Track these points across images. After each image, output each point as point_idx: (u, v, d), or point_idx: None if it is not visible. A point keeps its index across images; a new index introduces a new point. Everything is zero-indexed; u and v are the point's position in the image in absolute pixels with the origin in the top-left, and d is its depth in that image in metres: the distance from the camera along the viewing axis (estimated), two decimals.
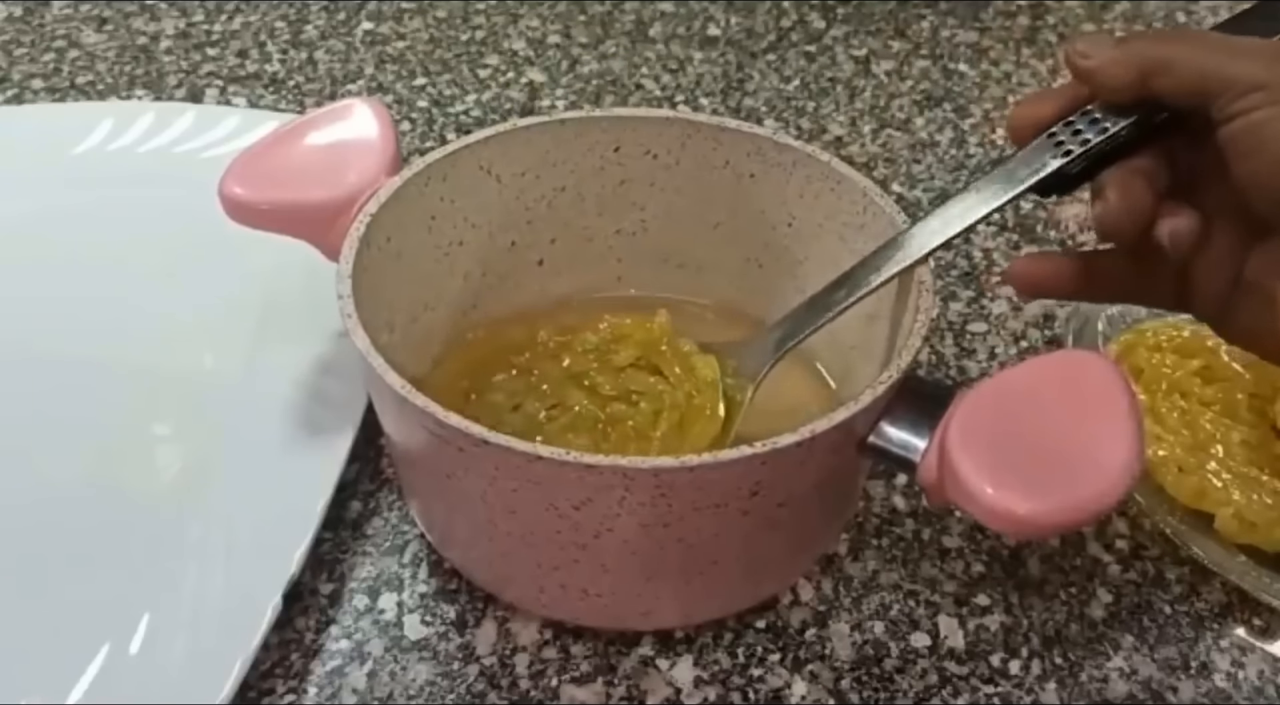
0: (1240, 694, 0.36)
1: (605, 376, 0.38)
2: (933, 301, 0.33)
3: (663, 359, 0.38)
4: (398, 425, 0.34)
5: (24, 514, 0.39)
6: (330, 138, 0.38)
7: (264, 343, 0.44)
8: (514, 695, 0.36)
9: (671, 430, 0.36)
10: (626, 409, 0.37)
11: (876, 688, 0.36)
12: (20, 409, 0.42)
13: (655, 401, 0.37)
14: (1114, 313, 0.46)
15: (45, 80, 0.62)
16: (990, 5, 0.70)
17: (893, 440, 0.31)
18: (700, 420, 0.36)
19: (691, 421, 0.36)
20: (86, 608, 0.35)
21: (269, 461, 0.39)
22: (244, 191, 0.36)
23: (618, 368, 0.38)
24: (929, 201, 0.55)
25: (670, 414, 0.37)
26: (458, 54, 0.65)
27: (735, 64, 0.64)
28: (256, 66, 0.63)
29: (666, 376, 0.38)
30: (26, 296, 0.46)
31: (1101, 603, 0.39)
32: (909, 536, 0.40)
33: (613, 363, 0.38)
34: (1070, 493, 0.28)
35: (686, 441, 0.36)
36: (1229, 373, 0.43)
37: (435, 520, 0.37)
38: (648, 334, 0.39)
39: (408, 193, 0.37)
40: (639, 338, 0.39)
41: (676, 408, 0.37)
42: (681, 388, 0.37)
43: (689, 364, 0.38)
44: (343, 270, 0.34)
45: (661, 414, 0.37)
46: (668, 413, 0.37)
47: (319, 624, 0.37)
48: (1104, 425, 0.29)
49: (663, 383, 0.38)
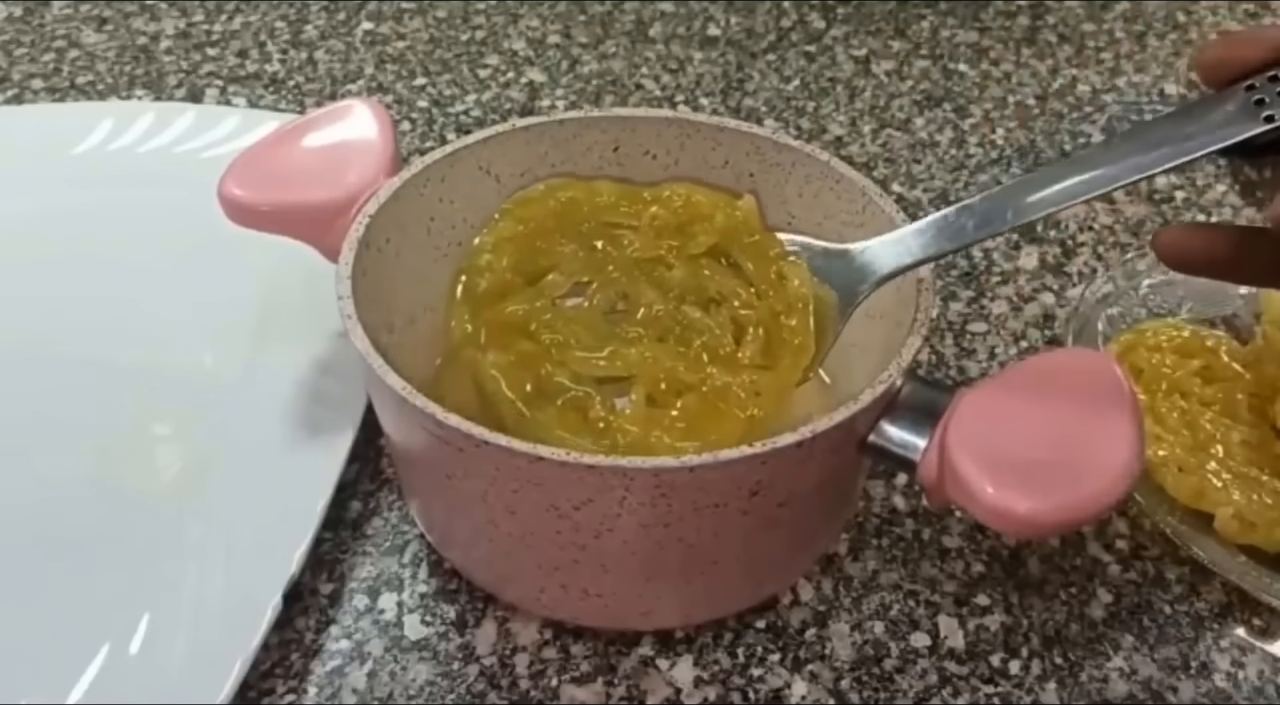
0: (1240, 694, 0.36)
1: (679, 268, 0.33)
2: (932, 301, 0.33)
3: (747, 256, 0.33)
4: (398, 426, 0.34)
5: (24, 514, 0.39)
6: (329, 139, 0.38)
7: (264, 343, 0.44)
8: (514, 695, 0.36)
9: (758, 354, 0.32)
10: (702, 317, 0.32)
11: (876, 688, 0.36)
12: (20, 409, 0.42)
13: (737, 312, 0.32)
14: (1114, 313, 0.46)
15: (45, 80, 0.62)
16: (990, 5, 0.70)
17: (893, 439, 0.31)
18: (789, 350, 0.32)
19: (779, 348, 0.32)
20: (86, 608, 0.35)
21: (269, 461, 0.39)
22: (243, 193, 0.36)
23: (693, 256, 0.33)
24: (929, 201, 0.55)
25: (756, 334, 0.32)
26: (458, 54, 0.65)
27: (735, 64, 0.64)
28: (256, 66, 0.63)
29: (751, 281, 0.33)
30: (26, 296, 0.46)
31: (1101, 603, 0.39)
32: (909, 536, 0.41)
33: (687, 249, 0.33)
34: (1070, 492, 0.28)
35: (776, 373, 0.32)
36: (1229, 373, 0.43)
37: (435, 520, 0.37)
38: (729, 220, 0.34)
39: (407, 193, 0.37)
40: (719, 223, 0.34)
41: (761, 326, 0.32)
42: (768, 301, 0.32)
43: (778, 272, 0.33)
44: (342, 271, 0.34)
45: (747, 331, 0.32)
46: (753, 331, 0.32)
47: (319, 624, 0.37)
48: (1104, 425, 0.29)
49: (745, 288, 0.33)
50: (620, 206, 0.35)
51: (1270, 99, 0.27)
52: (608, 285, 0.33)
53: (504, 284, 0.33)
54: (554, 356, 0.32)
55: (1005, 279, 0.51)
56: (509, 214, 0.34)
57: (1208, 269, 0.33)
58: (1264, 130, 0.27)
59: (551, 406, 0.31)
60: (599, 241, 0.34)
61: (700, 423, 0.31)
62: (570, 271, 0.33)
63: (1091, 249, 0.53)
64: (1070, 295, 0.50)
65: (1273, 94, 0.27)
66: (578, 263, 0.33)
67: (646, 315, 0.33)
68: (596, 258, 0.33)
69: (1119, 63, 0.65)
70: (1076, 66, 0.65)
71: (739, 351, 0.32)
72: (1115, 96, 0.62)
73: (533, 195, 0.35)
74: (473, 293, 0.33)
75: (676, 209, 0.34)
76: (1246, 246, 0.32)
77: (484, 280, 0.33)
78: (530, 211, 0.34)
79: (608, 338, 0.32)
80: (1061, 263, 0.52)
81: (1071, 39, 0.67)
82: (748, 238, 0.34)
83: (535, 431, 0.31)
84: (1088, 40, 0.67)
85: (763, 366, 0.32)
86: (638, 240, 0.34)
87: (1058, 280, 0.51)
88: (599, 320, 0.33)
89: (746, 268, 0.33)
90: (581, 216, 0.34)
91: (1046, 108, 0.61)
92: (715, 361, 0.32)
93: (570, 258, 0.33)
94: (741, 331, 0.32)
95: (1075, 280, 0.51)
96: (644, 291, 0.33)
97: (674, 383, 0.32)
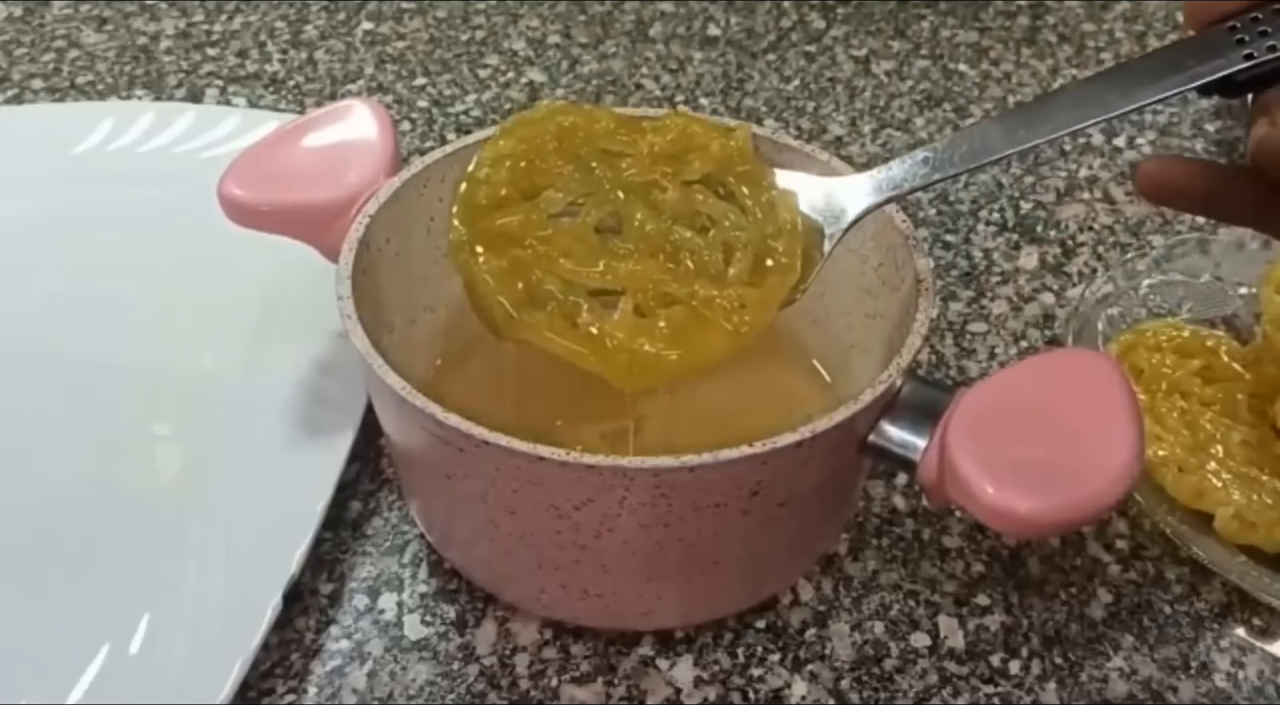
0: (1240, 694, 0.36)
1: (673, 191, 0.34)
2: (932, 301, 0.33)
3: (740, 182, 0.34)
4: (398, 426, 0.34)
5: (24, 514, 0.39)
6: (329, 139, 0.38)
7: (264, 343, 0.44)
8: (514, 695, 0.36)
9: (745, 273, 0.33)
10: (693, 237, 0.33)
11: (876, 688, 0.36)
12: (20, 408, 0.42)
13: (727, 234, 0.33)
14: (1114, 313, 0.46)
15: (45, 80, 0.62)
16: (990, 5, 0.70)
17: (893, 439, 0.31)
18: (776, 269, 0.33)
19: (766, 268, 0.33)
20: (86, 608, 0.35)
21: (269, 461, 0.39)
22: (243, 193, 0.36)
23: (687, 182, 0.34)
24: (929, 201, 0.55)
25: (745, 254, 0.33)
26: (458, 54, 0.65)
27: (735, 64, 0.64)
28: (256, 66, 0.63)
29: (742, 207, 0.34)
30: (26, 296, 0.46)
31: (1101, 603, 0.39)
32: (909, 536, 0.41)
33: (681, 176, 0.34)
34: (1070, 492, 0.28)
35: (762, 289, 0.33)
36: (1229, 373, 0.43)
37: (435, 520, 0.37)
38: (724, 150, 0.35)
39: (407, 194, 0.37)
40: (715, 152, 0.35)
41: (750, 248, 0.33)
42: (758, 224, 0.33)
43: (768, 200, 0.34)
44: (342, 271, 0.34)
45: (735, 252, 0.33)
46: (742, 252, 0.33)
47: (319, 624, 0.37)
48: (1104, 424, 0.29)
49: (737, 213, 0.34)
50: (619, 134, 0.35)
51: (1250, 38, 0.29)
52: (602, 203, 0.34)
53: (500, 198, 0.33)
54: (545, 265, 0.32)
55: (1005, 279, 0.51)
56: (509, 132, 0.35)
57: (1185, 203, 0.33)
58: (1243, 67, 0.29)
59: (541, 312, 0.32)
60: (595, 164, 0.34)
61: (686, 332, 0.32)
62: (566, 189, 0.34)
63: (1091, 249, 0.53)
64: (1070, 295, 0.50)
65: (1253, 33, 0.29)
66: (574, 182, 0.34)
67: (638, 232, 0.33)
68: (593, 178, 0.34)
69: (1119, 63, 0.65)
70: (1076, 66, 0.65)
71: (728, 269, 0.33)
72: None
73: (534, 117, 0.35)
74: (469, 203, 0.33)
75: (673, 138, 0.35)
76: (1226, 183, 0.32)
77: (481, 193, 0.33)
78: (530, 132, 0.35)
79: (599, 252, 0.33)
80: (1061, 263, 0.52)
81: (1071, 39, 0.67)
82: (741, 166, 0.35)
83: (524, 333, 0.32)
84: (1088, 40, 0.67)
85: (750, 284, 0.33)
86: (634, 165, 0.34)
87: (1058, 280, 0.51)
88: (591, 236, 0.33)
89: (739, 193, 0.34)
90: (580, 141, 0.35)
91: None
92: (704, 278, 0.32)
93: (567, 177, 0.34)
94: (731, 253, 0.33)
95: (1075, 280, 0.51)
96: (637, 211, 0.33)
97: (662, 295, 0.32)
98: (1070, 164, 0.57)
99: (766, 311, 0.32)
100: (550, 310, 0.32)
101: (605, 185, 0.34)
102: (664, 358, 0.31)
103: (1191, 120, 0.60)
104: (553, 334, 0.32)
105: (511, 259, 0.32)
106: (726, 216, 0.34)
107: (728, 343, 0.32)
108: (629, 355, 0.31)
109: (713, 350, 0.32)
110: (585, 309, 0.32)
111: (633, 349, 0.31)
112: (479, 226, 0.33)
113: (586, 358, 0.31)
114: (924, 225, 0.53)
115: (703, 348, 0.32)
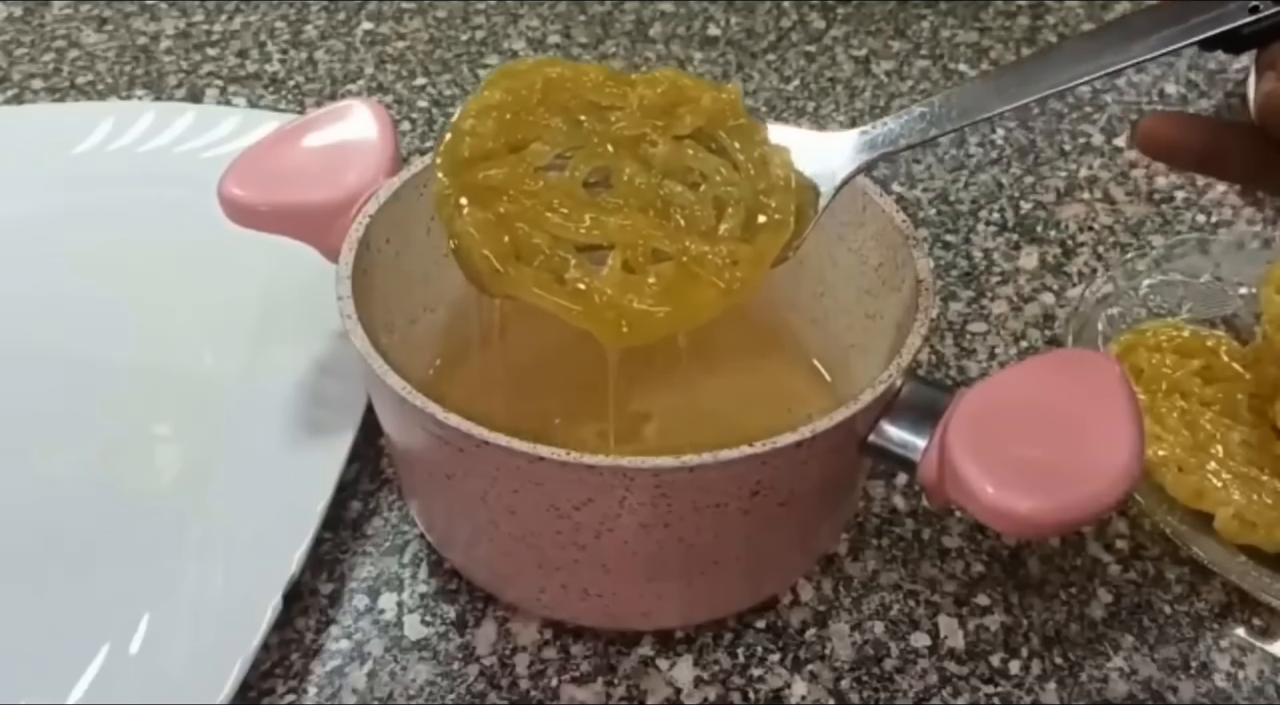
0: (1240, 694, 0.36)
1: (663, 146, 0.33)
2: (933, 301, 0.33)
3: (732, 137, 0.33)
4: (397, 426, 0.34)
5: (24, 514, 0.39)
6: (329, 139, 0.38)
7: (264, 343, 0.44)
8: (514, 695, 0.36)
9: (738, 229, 0.32)
10: (684, 192, 0.32)
11: (876, 688, 0.36)
12: (20, 408, 0.42)
13: (719, 190, 0.32)
14: (1114, 313, 0.46)
15: (45, 80, 0.62)
16: (990, 5, 0.70)
17: (893, 439, 0.31)
18: (769, 225, 0.32)
19: (758, 224, 0.32)
20: (86, 608, 0.35)
21: (269, 461, 0.39)
22: (243, 192, 0.36)
23: (677, 137, 0.33)
24: (929, 201, 0.55)
25: (737, 210, 0.32)
26: (458, 54, 0.65)
27: (735, 64, 0.64)
28: (256, 66, 0.63)
29: (734, 163, 0.33)
30: (26, 296, 0.46)
31: (1101, 603, 0.39)
32: (909, 536, 0.41)
33: (671, 130, 0.33)
34: (1070, 492, 0.28)
35: (755, 246, 0.32)
36: (1229, 373, 0.43)
37: (435, 520, 0.37)
38: (716, 103, 0.34)
39: (407, 194, 0.37)
40: (706, 106, 0.34)
41: (742, 203, 0.32)
42: (750, 179, 0.33)
43: (761, 156, 0.33)
44: (342, 271, 0.34)
45: (727, 208, 0.32)
46: (734, 208, 0.32)
47: (319, 624, 0.37)
48: (1104, 425, 0.29)
49: (729, 168, 0.33)
50: (607, 87, 0.34)
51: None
52: (590, 157, 0.33)
53: (486, 151, 0.33)
54: (532, 219, 0.32)
55: (1005, 279, 0.51)
56: (495, 84, 0.34)
57: (1184, 159, 0.33)
58: (1248, 20, 0.28)
59: (528, 267, 0.31)
60: (584, 117, 0.34)
61: (676, 288, 0.31)
62: (554, 142, 0.33)
63: (1091, 249, 0.53)
64: (1070, 295, 0.50)
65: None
66: (561, 135, 0.33)
67: (628, 187, 0.32)
68: (581, 131, 0.33)
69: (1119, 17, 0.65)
70: None
71: (719, 225, 0.32)
72: (1115, 96, 0.62)
73: (520, 68, 0.35)
74: (454, 154, 0.33)
75: (663, 91, 0.34)
76: (1225, 140, 0.32)
77: (466, 145, 0.33)
78: (517, 83, 0.34)
79: (587, 206, 0.32)
80: (1061, 263, 0.52)
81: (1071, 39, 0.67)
82: (733, 121, 0.34)
83: (510, 287, 0.31)
84: None
85: (742, 240, 0.32)
86: (623, 118, 0.34)
87: (1058, 280, 0.51)
88: (579, 190, 0.32)
89: (731, 147, 0.34)
90: (568, 94, 0.34)
91: (1046, 107, 0.61)
92: (695, 234, 0.32)
93: (554, 130, 0.33)
94: (723, 208, 0.32)
95: (1075, 280, 0.51)
96: (626, 165, 0.33)
97: (651, 251, 0.32)
98: (1070, 164, 0.57)
99: (759, 268, 0.32)
100: (537, 265, 0.31)
101: (594, 139, 0.33)
102: (653, 314, 0.31)
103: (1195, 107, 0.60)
104: (540, 290, 0.31)
105: (497, 212, 0.32)
106: (718, 171, 0.33)
107: (719, 299, 0.31)
108: (617, 311, 0.30)
109: (704, 307, 0.31)
110: (573, 264, 0.31)
111: (621, 305, 0.30)
112: (463, 179, 0.32)
113: (574, 313, 0.30)
114: (924, 225, 0.53)
115: (693, 304, 0.31)
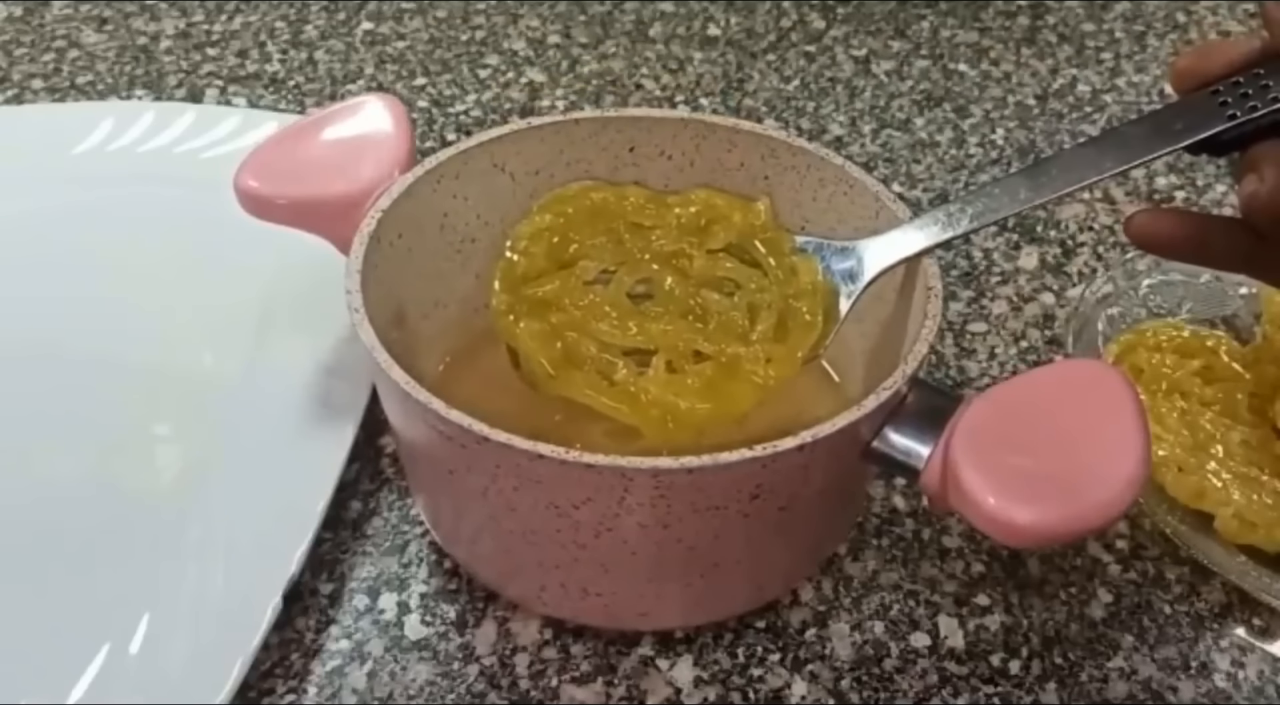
0: (1240, 694, 0.36)
1: (699, 259, 0.36)
2: (940, 307, 0.33)
3: (763, 249, 0.36)
4: (402, 421, 0.34)
5: (24, 514, 0.39)
6: (345, 133, 0.38)
7: (264, 343, 0.44)
8: (514, 695, 0.36)
9: (770, 332, 0.35)
10: (719, 299, 0.35)
11: (876, 688, 0.36)
12: (20, 408, 0.42)
13: (752, 297, 0.35)
14: (1114, 313, 0.46)
15: (45, 80, 0.62)
16: (990, 5, 0.70)
17: (896, 446, 0.31)
18: (799, 326, 0.35)
19: (789, 326, 0.35)
20: (86, 608, 0.35)
21: (269, 462, 0.39)
22: (259, 185, 0.37)
23: (712, 250, 0.37)
24: (929, 201, 0.55)
25: (769, 313, 0.35)
26: (458, 54, 0.65)
27: (735, 64, 0.64)
28: (256, 66, 0.63)
29: (765, 272, 0.36)
30: (26, 296, 0.46)
31: (1101, 603, 0.39)
32: (909, 536, 0.41)
33: (706, 245, 0.37)
34: (1073, 504, 0.28)
35: (787, 345, 0.35)
36: (1229, 373, 0.43)
37: (439, 516, 0.37)
38: (746, 218, 0.37)
39: (420, 189, 0.37)
40: (737, 222, 0.37)
41: (774, 308, 0.35)
42: (780, 287, 0.36)
43: (789, 264, 0.36)
44: (352, 265, 0.34)
45: (760, 312, 0.35)
46: (766, 312, 0.35)
47: (319, 624, 0.37)
48: (1110, 437, 0.29)
49: (760, 278, 0.36)
50: (647, 209, 0.38)
51: (1233, 100, 0.31)
52: (634, 270, 0.36)
53: (538, 269, 0.36)
54: (582, 328, 0.35)
55: (1005, 279, 0.51)
56: (546, 208, 0.38)
57: (1175, 252, 0.35)
58: (1227, 126, 0.31)
59: (578, 371, 0.34)
60: (626, 235, 0.37)
61: (717, 385, 0.34)
62: (600, 258, 0.36)
63: (1091, 249, 0.53)
64: (1070, 295, 0.50)
65: (1235, 96, 0.31)
66: (606, 252, 0.36)
67: (668, 296, 0.35)
68: (624, 248, 0.37)
69: (1119, 63, 0.65)
70: (1076, 66, 0.65)
71: (753, 329, 0.35)
72: (1115, 96, 0.62)
73: (567, 194, 0.38)
74: (509, 275, 0.36)
75: (697, 210, 0.38)
76: (1214, 234, 0.34)
77: (520, 264, 0.36)
78: (565, 207, 0.38)
79: (632, 314, 0.35)
80: (1061, 263, 0.52)
81: (1071, 39, 0.67)
82: (763, 233, 0.37)
83: (563, 389, 0.34)
84: (1088, 40, 0.67)
85: (775, 341, 0.35)
86: (663, 235, 0.37)
87: (1058, 280, 0.51)
88: (624, 300, 0.35)
89: (762, 258, 0.36)
90: (612, 215, 0.38)
91: (1046, 108, 0.61)
92: (731, 337, 0.34)
93: (600, 248, 0.37)
94: (756, 313, 0.35)
95: (1075, 280, 0.51)
96: (667, 277, 0.36)
97: (692, 352, 0.34)
98: None
99: (791, 365, 0.34)
100: (587, 369, 0.34)
101: (636, 254, 0.36)
102: (696, 410, 0.33)
103: None
104: (591, 391, 0.33)
105: (550, 323, 0.35)
106: (751, 280, 0.36)
107: (755, 394, 0.34)
108: (662, 409, 0.33)
109: (741, 401, 0.34)
110: (621, 367, 0.34)
111: (666, 403, 0.33)
112: (519, 294, 0.35)
113: (623, 412, 0.33)
114: None
115: (732, 399, 0.34)
